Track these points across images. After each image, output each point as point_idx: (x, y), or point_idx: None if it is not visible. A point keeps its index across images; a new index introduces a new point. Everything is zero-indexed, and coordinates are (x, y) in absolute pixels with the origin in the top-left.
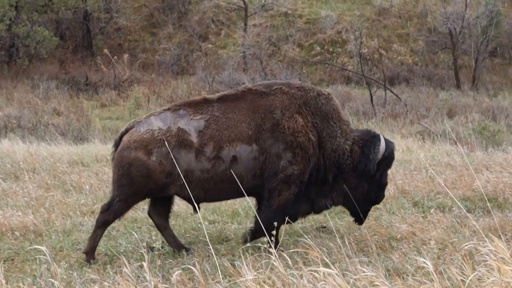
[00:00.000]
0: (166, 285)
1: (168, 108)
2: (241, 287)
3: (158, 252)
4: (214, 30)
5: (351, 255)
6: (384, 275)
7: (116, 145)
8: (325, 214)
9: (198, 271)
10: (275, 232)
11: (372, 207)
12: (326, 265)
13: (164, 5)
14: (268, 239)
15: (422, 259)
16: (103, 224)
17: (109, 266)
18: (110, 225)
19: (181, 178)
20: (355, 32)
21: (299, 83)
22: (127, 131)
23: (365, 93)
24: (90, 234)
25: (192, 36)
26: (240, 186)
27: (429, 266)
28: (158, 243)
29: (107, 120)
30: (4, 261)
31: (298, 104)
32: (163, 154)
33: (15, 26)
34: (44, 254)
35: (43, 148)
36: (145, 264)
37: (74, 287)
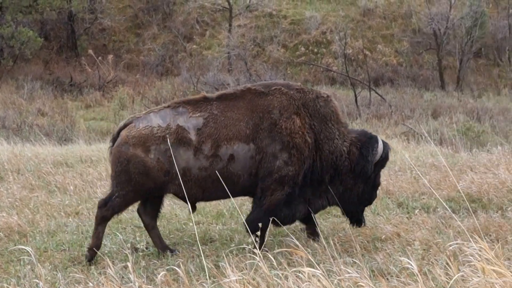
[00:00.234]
0: (150, 286)
1: (168, 105)
2: None
3: (142, 253)
4: (198, 31)
5: (336, 255)
6: (369, 275)
7: (113, 140)
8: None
9: (183, 272)
10: (263, 232)
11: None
12: (311, 265)
13: (149, 5)
14: (253, 239)
15: (406, 260)
16: (102, 220)
17: (93, 267)
18: (110, 220)
19: (179, 177)
20: (339, 32)
21: (299, 84)
22: (125, 126)
23: (349, 94)
24: (92, 232)
25: (176, 37)
26: (237, 185)
27: (413, 267)
28: (142, 244)
29: (92, 121)
30: None
31: (297, 105)
32: (161, 151)
33: (0, 27)
34: (29, 255)
35: (27, 149)
36: (129, 265)
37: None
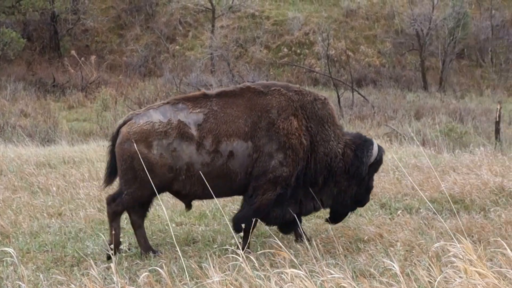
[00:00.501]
0: (133, 287)
1: (167, 102)
2: None
3: (125, 254)
4: (181, 32)
5: (318, 256)
6: (351, 276)
7: (113, 138)
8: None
9: (165, 273)
10: (248, 233)
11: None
12: (294, 266)
13: (132, 6)
14: (236, 238)
15: (388, 261)
16: (114, 216)
17: (76, 268)
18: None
19: (183, 173)
20: (322, 33)
21: (297, 86)
22: (125, 123)
23: (332, 94)
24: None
25: (159, 38)
26: (234, 183)
27: (395, 268)
28: (125, 245)
29: (75, 122)
30: None
31: (295, 107)
32: (163, 146)
33: None
34: (11, 256)
35: (10, 150)
36: (112, 266)
37: None
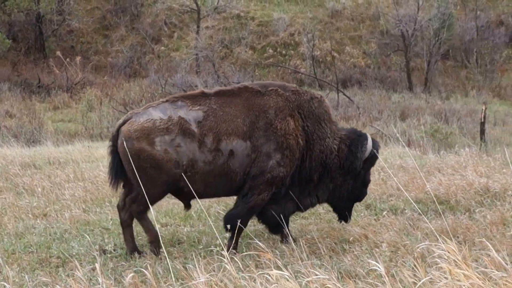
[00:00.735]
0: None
1: (166, 100)
2: None
3: (110, 255)
4: (166, 33)
5: (304, 257)
6: (336, 277)
7: (113, 138)
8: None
9: (150, 274)
10: (240, 232)
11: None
12: (278, 268)
13: (117, 7)
14: (221, 241)
15: (373, 262)
16: (140, 215)
17: (61, 269)
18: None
19: (189, 170)
20: (307, 34)
21: (294, 86)
22: (124, 122)
23: None
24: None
25: (144, 39)
26: (234, 182)
27: (380, 269)
28: (110, 245)
29: (60, 123)
30: None
31: (292, 107)
32: (167, 142)
33: None
34: None
35: None
36: (97, 266)
37: None
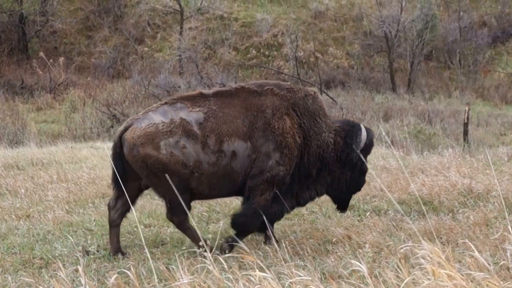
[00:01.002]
0: None
1: (165, 102)
2: None
3: (93, 256)
4: (150, 33)
5: (287, 258)
6: (320, 278)
7: (115, 146)
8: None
9: (134, 275)
10: (245, 235)
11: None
12: (262, 269)
13: (100, 8)
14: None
15: (357, 263)
16: (183, 226)
17: (44, 270)
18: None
19: (195, 171)
20: (291, 35)
21: (289, 84)
22: (126, 129)
23: None
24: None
25: (128, 39)
26: (236, 183)
27: (363, 270)
28: (93, 247)
29: (43, 124)
30: None
31: (287, 105)
32: (171, 145)
33: None
34: None
35: None
36: (80, 268)
37: None
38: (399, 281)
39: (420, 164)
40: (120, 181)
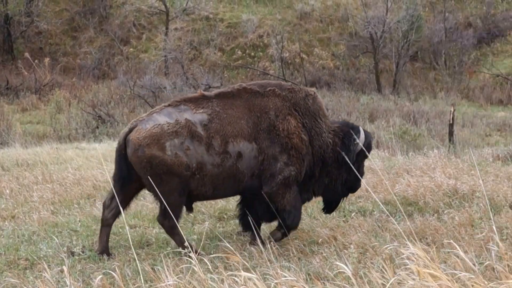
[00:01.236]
0: None
1: (168, 104)
2: None
3: (78, 257)
4: (135, 34)
5: (272, 259)
6: (305, 279)
7: (120, 148)
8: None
9: (119, 276)
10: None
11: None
12: (247, 269)
13: (85, 9)
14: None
15: (341, 264)
16: (173, 230)
17: (29, 271)
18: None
19: (197, 172)
20: (276, 36)
21: (289, 84)
22: (130, 130)
23: None
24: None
25: (113, 40)
26: (241, 184)
27: (348, 271)
28: (78, 247)
29: (28, 124)
30: None
31: (288, 106)
32: (176, 146)
33: None
34: None
35: None
36: (65, 268)
37: None
38: (384, 281)
39: (406, 165)
40: (123, 182)
